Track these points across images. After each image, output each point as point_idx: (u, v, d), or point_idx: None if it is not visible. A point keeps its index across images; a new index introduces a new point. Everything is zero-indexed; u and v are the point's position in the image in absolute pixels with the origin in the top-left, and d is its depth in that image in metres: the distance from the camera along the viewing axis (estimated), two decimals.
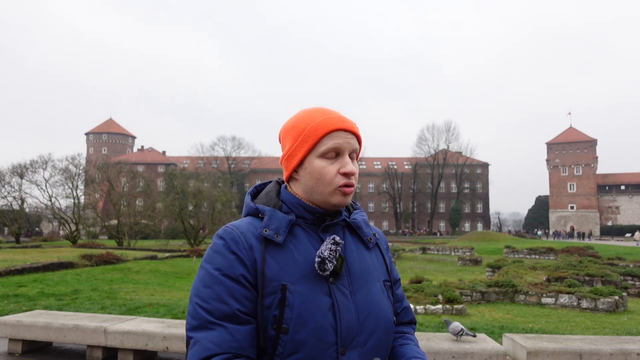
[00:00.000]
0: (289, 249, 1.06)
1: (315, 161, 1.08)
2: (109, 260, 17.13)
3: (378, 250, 1.21)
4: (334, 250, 1.04)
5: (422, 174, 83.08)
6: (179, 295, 10.51)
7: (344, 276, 1.08)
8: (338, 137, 1.08)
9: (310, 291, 1.02)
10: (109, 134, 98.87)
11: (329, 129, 1.07)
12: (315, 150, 1.08)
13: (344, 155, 1.09)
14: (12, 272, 12.68)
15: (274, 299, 1.00)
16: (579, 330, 7.68)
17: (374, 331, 1.07)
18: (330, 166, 1.08)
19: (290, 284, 1.01)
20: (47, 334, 5.11)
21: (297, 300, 1.00)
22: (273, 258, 1.04)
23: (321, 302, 1.02)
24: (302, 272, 1.03)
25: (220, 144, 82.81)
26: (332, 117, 1.10)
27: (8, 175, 41.54)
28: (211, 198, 41.42)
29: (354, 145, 1.11)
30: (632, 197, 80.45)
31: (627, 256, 22.97)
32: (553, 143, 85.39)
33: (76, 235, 38.63)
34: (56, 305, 8.24)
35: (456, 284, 11.82)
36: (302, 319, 0.99)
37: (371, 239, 1.18)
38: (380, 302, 1.10)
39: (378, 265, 1.18)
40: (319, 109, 1.13)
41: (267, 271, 1.02)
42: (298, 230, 1.10)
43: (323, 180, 1.07)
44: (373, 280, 1.13)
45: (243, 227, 1.08)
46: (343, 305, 1.04)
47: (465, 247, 34.54)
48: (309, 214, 1.11)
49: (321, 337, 1.00)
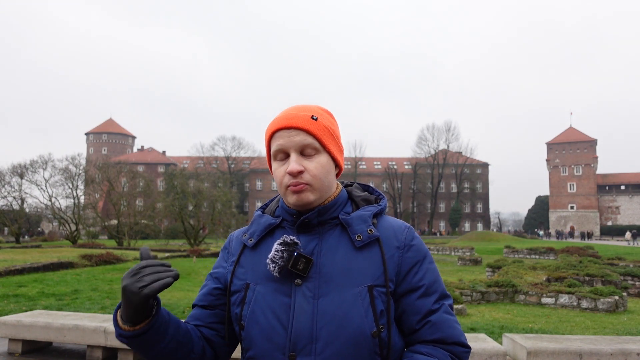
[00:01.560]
0: (262, 251, 1.11)
1: (273, 165, 1.11)
2: (109, 260, 17.11)
3: (376, 250, 1.06)
4: (279, 251, 1.04)
5: (422, 174, 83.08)
6: (179, 295, 10.52)
7: (313, 279, 1.03)
8: (280, 138, 1.07)
9: (269, 291, 1.05)
10: (109, 134, 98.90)
11: (271, 131, 1.10)
12: (271, 154, 1.11)
13: (291, 154, 1.06)
14: (12, 272, 12.68)
15: (237, 297, 1.09)
16: (579, 330, 7.68)
17: (333, 340, 0.97)
18: (280, 168, 1.08)
19: (253, 283, 1.08)
20: (47, 334, 5.11)
21: (254, 299, 1.05)
22: (245, 260, 1.13)
23: (277, 303, 1.03)
24: (268, 273, 1.07)
25: (220, 144, 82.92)
26: (277, 117, 1.11)
27: (8, 175, 41.59)
28: (211, 198, 41.41)
29: (301, 142, 1.05)
30: (632, 197, 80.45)
31: (627, 256, 22.95)
32: (553, 143, 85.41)
33: (76, 235, 38.63)
34: (56, 305, 8.24)
35: (456, 284, 11.81)
36: (254, 316, 1.04)
37: (360, 236, 1.06)
38: (349, 309, 0.99)
39: (367, 268, 1.04)
40: (283, 110, 1.14)
41: (237, 271, 1.12)
42: (280, 232, 1.13)
43: (278, 183, 1.11)
44: (351, 284, 1.01)
45: (237, 234, 1.21)
46: (300, 309, 1.00)
47: (465, 247, 34.51)
48: (288, 215, 1.13)
49: (269, 337, 1.01)
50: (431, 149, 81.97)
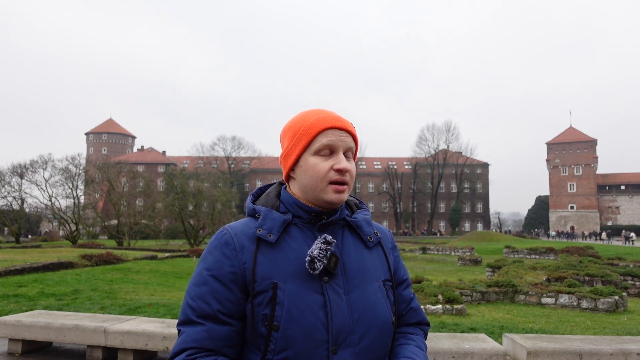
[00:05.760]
0: (282, 248, 1.08)
1: (310, 159, 1.10)
2: (109, 260, 17.12)
3: (380, 250, 1.19)
4: (324, 249, 1.06)
5: (422, 174, 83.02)
6: (179, 295, 10.51)
7: (339, 275, 1.08)
8: (332, 135, 1.10)
9: (301, 289, 1.04)
10: (109, 134, 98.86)
11: (323, 127, 1.10)
12: (310, 148, 1.11)
13: (338, 152, 1.10)
14: (12, 272, 12.67)
15: (264, 297, 1.03)
16: (579, 330, 7.68)
17: (367, 331, 1.06)
18: (323, 162, 1.10)
19: (281, 282, 1.04)
20: (47, 334, 5.11)
21: (288, 298, 1.02)
22: (265, 257, 1.07)
23: (312, 301, 1.03)
24: (294, 270, 1.05)
25: (220, 144, 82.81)
26: (326, 115, 1.13)
27: (8, 175, 41.68)
28: (211, 198, 41.47)
29: (349, 144, 1.12)
30: (632, 197, 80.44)
31: (627, 256, 22.96)
32: (553, 143, 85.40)
33: (76, 235, 38.67)
34: (56, 305, 8.24)
35: (456, 284, 11.82)
36: (292, 316, 1.01)
37: (371, 237, 1.17)
38: (376, 301, 1.10)
39: (379, 265, 1.16)
40: (316, 109, 1.16)
41: (259, 270, 1.05)
42: (294, 229, 1.12)
43: (316, 177, 1.09)
44: (371, 279, 1.12)
45: (237, 228, 1.12)
46: (335, 304, 1.05)
47: (465, 247, 34.53)
48: (305, 213, 1.12)
49: (311, 335, 1.01)
50: (431, 149, 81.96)
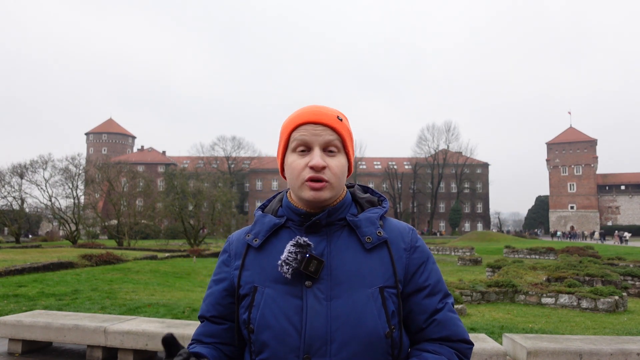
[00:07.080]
0: (269, 252, 1.08)
1: (289, 157, 1.10)
2: (109, 260, 17.10)
3: (385, 251, 1.07)
4: (292, 252, 1.02)
5: (422, 174, 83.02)
6: (179, 295, 10.51)
7: (324, 280, 1.03)
8: (304, 131, 1.07)
9: (279, 294, 1.03)
10: (109, 134, 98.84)
11: (296, 123, 1.08)
12: (289, 146, 1.10)
13: (314, 148, 1.06)
14: (12, 272, 12.67)
15: (246, 301, 1.06)
16: (579, 330, 7.68)
17: (349, 342, 0.98)
18: (299, 160, 1.07)
19: (262, 286, 1.05)
20: (47, 334, 5.11)
21: (264, 302, 1.03)
22: (251, 262, 1.09)
23: (289, 305, 1.01)
24: (277, 275, 1.04)
25: (220, 144, 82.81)
26: (303, 111, 1.10)
27: (8, 175, 41.69)
28: (211, 198, 41.45)
29: (326, 138, 1.06)
30: (632, 197, 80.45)
31: (627, 256, 22.94)
32: (553, 143, 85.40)
33: (76, 235, 38.65)
34: (56, 305, 8.24)
35: (456, 284, 11.81)
36: (264, 320, 1.01)
37: (370, 238, 1.07)
38: (364, 310, 1.00)
39: (378, 269, 1.05)
40: (305, 106, 1.14)
41: (244, 275, 1.09)
42: (285, 232, 1.10)
43: (293, 175, 1.08)
44: (363, 285, 1.02)
45: (236, 235, 1.17)
46: (312, 310, 1.00)
47: (465, 247, 34.50)
48: (295, 215, 1.10)
49: (283, 340, 0.99)
50: (431, 149, 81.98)
